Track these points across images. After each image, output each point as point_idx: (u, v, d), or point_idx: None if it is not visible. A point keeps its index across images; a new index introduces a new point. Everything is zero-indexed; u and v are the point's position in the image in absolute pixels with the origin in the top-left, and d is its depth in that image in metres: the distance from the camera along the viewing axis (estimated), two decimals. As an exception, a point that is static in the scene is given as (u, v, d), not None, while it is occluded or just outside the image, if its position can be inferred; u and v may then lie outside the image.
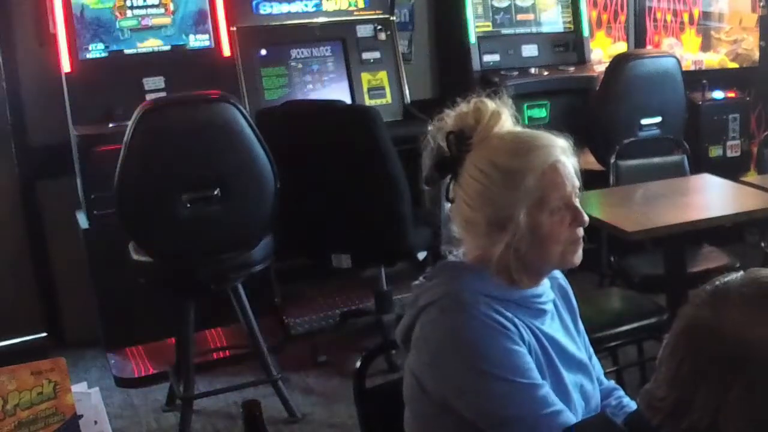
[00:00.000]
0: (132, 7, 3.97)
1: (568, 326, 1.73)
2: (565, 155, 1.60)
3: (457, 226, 1.65)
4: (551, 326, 1.66)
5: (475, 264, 1.62)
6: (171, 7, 4.04)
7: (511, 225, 1.56)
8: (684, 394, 1.08)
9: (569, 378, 1.64)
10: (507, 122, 1.65)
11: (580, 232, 1.61)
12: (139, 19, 3.98)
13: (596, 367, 1.79)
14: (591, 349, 1.80)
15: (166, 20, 4.03)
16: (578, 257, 1.62)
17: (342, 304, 4.43)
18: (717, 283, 1.13)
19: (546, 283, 1.69)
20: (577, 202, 1.60)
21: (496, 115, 1.64)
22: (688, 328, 1.11)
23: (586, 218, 1.60)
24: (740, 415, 1.05)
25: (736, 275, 1.14)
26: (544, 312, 1.65)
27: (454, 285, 1.59)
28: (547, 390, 1.55)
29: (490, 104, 1.65)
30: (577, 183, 1.61)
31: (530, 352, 1.57)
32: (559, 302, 1.73)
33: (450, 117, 1.66)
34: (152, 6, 4.00)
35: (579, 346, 1.73)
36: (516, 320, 1.57)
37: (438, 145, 1.66)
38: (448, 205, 1.66)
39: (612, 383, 1.83)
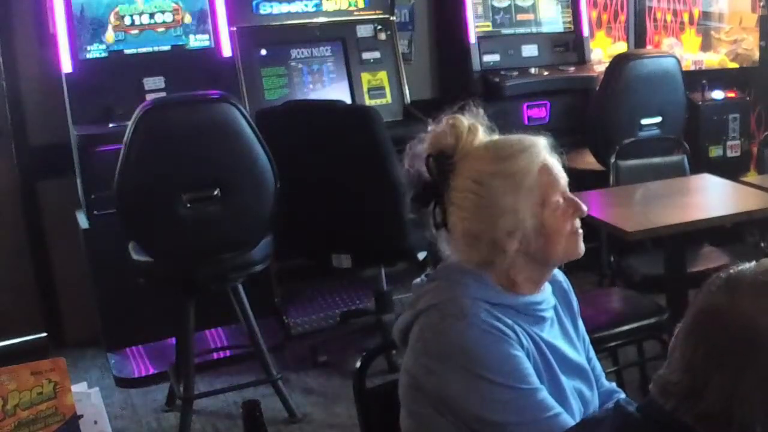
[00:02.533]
0: (139, 23, 3.97)
1: (568, 331, 1.73)
2: (548, 152, 1.63)
3: (458, 244, 1.62)
4: (551, 333, 1.67)
5: (477, 269, 1.62)
6: (181, 13, 4.04)
7: (519, 229, 1.57)
8: (698, 379, 1.09)
9: (567, 383, 1.64)
10: (483, 134, 1.66)
11: (578, 223, 1.64)
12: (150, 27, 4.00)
13: (596, 369, 1.79)
14: (591, 351, 1.81)
15: (176, 25, 4.05)
16: (581, 248, 1.64)
17: (342, 304, 4.43)
18: (731, 270, 1.15)
19: (547, 288, 1.69)
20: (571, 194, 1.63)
21: (474, 128, 1.65)
22: (702, 314, 1.12)
23: (585, 208, 1.63)
24: (754, 401, 1.06)
25: (751, 264, 1.15)
26: (543, 319, 1.65)
27: (454, 290, 1.59)
28: (545, 394, 1.55)
29: (465, 119, 1.65)
30: (566, 177, 1.64)
31: (529, 358, 1.57)
32: (560, 306, 1.73)
33: (425, 140, 1.66)
34: (163, 20, 4.01)
35: (579, 351, 1.73)
36: (516, 327, 1.57)
37: (417, 171, 1.65)
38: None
39: (613, 385, 1.83)
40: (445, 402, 1.55)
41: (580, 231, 1.64)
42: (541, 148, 1.62)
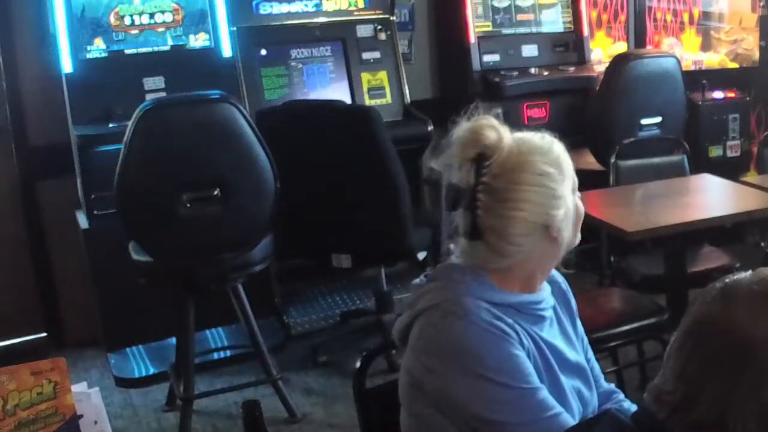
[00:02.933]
0: (139, 23, 3.97)
1: (567, 331, 1.74)
2: None
3: (511, 246, 1.59)
4: (550, 332, 1.67)
5: (476, 269, 1.62)
6: (181, 13, 4.04)
7: (569, 216, 1.61)
8: (692, 388, 1.09)
9: (567, 383, 1.64)
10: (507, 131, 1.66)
11: None
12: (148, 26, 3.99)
13: (595, 369, 1.79)
14: (590, 352, 1.81)
15: (176, 25, 4.05)
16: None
17: (342, 304, 4.43)
18: (727, 280, 1.15)
19: (546, 288, 1.70)
20: None
21: (502, 126, 1.63)
22: (697, 323, 1.13)
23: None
24: (747, 410, 1.06)
25: (746, 273, 1.16)
26: (543, 318, 1.66)
27: (455, 290, 1.59)
28: (546, 393, 1.55)
29: (493, 120, 1.62)
30: None
31: (529, 358, 1.57)
32: (558, 307, 1.74)
33: (458, 145, 1.60)
34: (163, 20, 4.01)
35: (577, 351, 1.74)
36: (516, 326, 1.58)
37: (447, 180, 1.61)
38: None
39: (611, 386, 1.83)
40: (445, 401, 1.55)
41: None
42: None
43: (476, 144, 1.58)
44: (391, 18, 4.55)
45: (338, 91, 4.39)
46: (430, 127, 4.19)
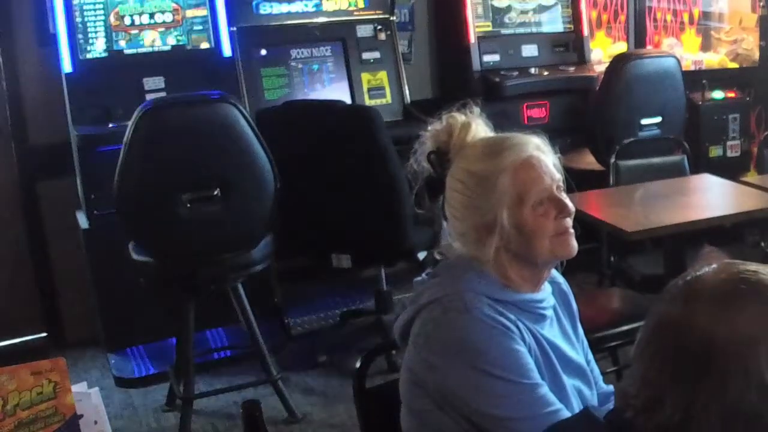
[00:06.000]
0: (139, 23, 3.97)
1: (567, 331, 1.74)
2: (539, 151, 1.62)
3: (453, 240, 1.66)
4: (551, 331, 1.67)
5: (478, 265, 1.62)
6: (181, 13, 4.04)
7: (497, 227, 1.58)
8: (655, 392, 1.06)
9: (568, 381, 1.65)
10: (479, 131, 1.68)
11: (568, 223, 1.62)
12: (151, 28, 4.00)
13: (595, 371, 1.80)
14: (590, 354, 1.81)
15: (176, 25, 4.05)
16: (571, 248, 1.63)
17: (342, 304, 4.43)
18: (689, 278, 1.11)
19: (547, 288, 1.70)
20: (560, 193, 1.61)
21: (466, 125, 1.67)
22: (659, 327, 1.10)
23: (572, 207, 1.62)
24: (711, 413, 1.03)
25: (710, 268, 1.11)
26: (544, 317, 1.66)
27: (457, 285, 1.60)
28: (546, 389, 1.56)
29: (460, 117, 1.68)
30: (558, 176, 1.62)
31: (530, 354, 1.58)
32: (559, 307, 1.74)
33: (428, 138, 1.70)
34: (163, 20, 4.01)
35: (578, 351, 1.74)
36: (518, 323, 1.58)
37: (423, 167, 1.70)
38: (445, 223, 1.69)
39: (611, 387, 1.83)
40: (445, 396, 1.56)
41: (571, 231, 1.62)
42: (528, 146, 1.61)
43: (433, 141, 1.69)
44: (391, 18, 4.55)
45: (338, 91, 4.39)
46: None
